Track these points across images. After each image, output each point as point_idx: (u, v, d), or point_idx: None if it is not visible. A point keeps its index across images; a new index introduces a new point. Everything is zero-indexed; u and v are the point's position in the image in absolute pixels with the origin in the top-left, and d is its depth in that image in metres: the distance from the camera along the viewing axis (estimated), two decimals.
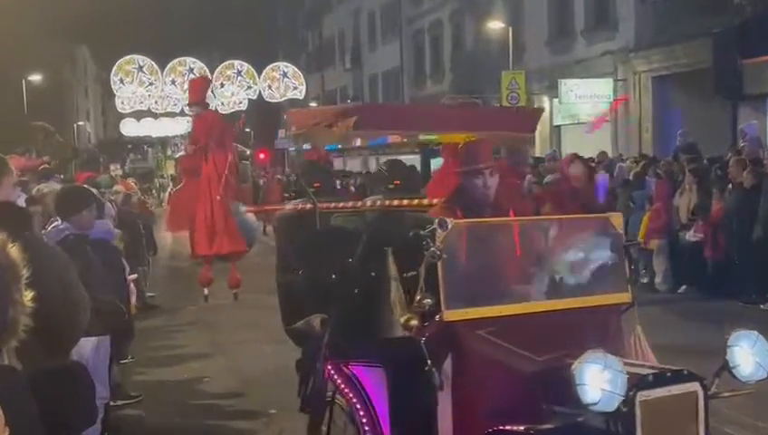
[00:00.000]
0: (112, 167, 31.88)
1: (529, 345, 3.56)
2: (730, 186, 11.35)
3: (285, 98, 33.92)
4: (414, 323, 3.62)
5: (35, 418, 2.15)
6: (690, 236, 11.80)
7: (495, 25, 25.89)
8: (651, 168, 13.92)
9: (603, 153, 17.21)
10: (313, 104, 47.43)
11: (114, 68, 32.29)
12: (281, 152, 49.05)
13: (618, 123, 22.60)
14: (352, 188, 17.70)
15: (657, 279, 12.34)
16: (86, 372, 3.67)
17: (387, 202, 5.07)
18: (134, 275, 6.22)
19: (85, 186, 6.95)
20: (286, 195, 24.91)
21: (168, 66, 31.57)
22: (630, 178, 14.01)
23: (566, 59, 24.20)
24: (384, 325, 4.08)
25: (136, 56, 32.17)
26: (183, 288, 13.43)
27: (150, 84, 31.80)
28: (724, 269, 11.30)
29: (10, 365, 2.22)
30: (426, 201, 5.01)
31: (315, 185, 5.62)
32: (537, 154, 21.48)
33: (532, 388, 3.44)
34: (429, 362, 3.55)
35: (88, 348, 4.86)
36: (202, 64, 31.79)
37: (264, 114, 42.88)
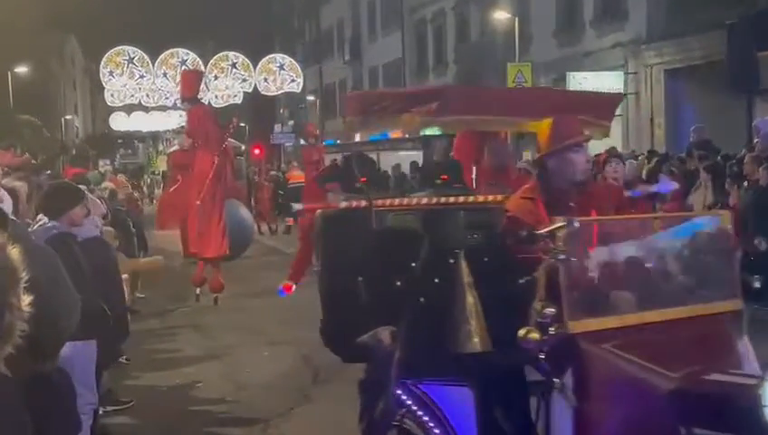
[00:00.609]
0: (101, 163, 31.92)
1: (659, 359, 3.26)
2: (746, 183, 11.35)
3: (282, 91, 33.84)
4: (535, 336, 3.33)
5: (27, 427, 2.15)
6: None
7: (501, 15, 25.88)
8: (664, 164, 13.92)
9: (613, 149, 17.16)
10: (311, 98, 47.52)
11: (103, 60, 32.20)
12: (277, 148, 49.08)
13: (629, 118, 22.59)
14: None
15: None
16: (67, 380, 3.66)
17: (444, 199, 4.76)
18: (125, 275, 6.20)
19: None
20: (281, 192, 24.97)
21: (160, 58, 31.49)
22: (644, 175, 13.99)
23: (574, 51, 24.19)
24: (458, 338, 3.84)
25: (126, 47, 32.08)
26: (175, 289, 13.42)
27: (141, 77, 31.72)
28: (740, 269, 11.27)
29: (1, 373, 2.21)
30: (483, 197, 4.77)
31: (361, 180, 5.30)
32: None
33: (667, 408, 3.16)
34: (557, 380, 3.37)
35: (73, 353, 4.83)
36: (195, 56, 31.72)
37: (259, 108, 42.88)
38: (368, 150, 28.12)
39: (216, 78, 30.12)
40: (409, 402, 4.06)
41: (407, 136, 20.09)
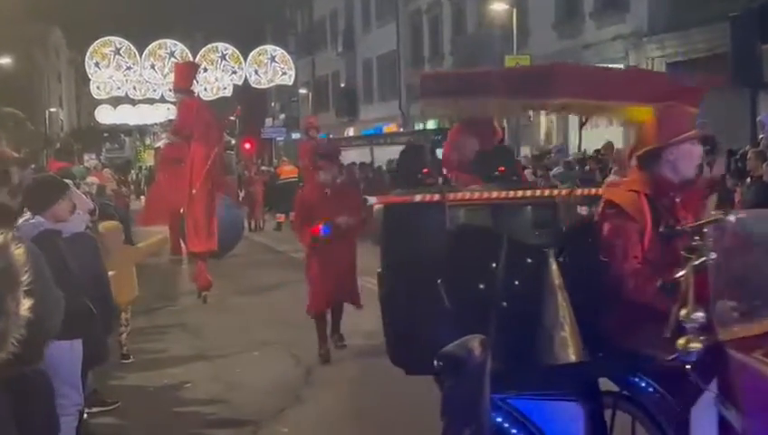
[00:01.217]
0: (87, 157, 31.87)
1: None
2: (749, 179, 11.38)
3: (273, 84, 33.91)
4: (696, 346, 3.10)
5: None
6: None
7: (498, 6, 25.87)
8: None
9: (609, 144, 17.07)
10: (303, 91, 47.49)
11: (89, 51, 32.20)
12: (268, 142, 49.06)
13: None
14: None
15: None
16: (46, 380, 3.65)
17: (513, 193, 4.54)
18: (112, 272, 6.20)
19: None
20: (271, 187, 24.95)
21: (148, 49, 31.50)
22: None
23: (574, 43, 24.19)
24: (552, 347, 3.66)
25: (113, 38, 32.08)
26: (162, 287, 13.43)
27: (128, 68, 31.73)
28: None
29: None
30: (549, 191, 4.64)
31: (424, 170, 5.04)
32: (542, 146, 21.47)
33: None
34: (714, 392, 3.15)
35: (59, 353, 4.84)
36: (184, 47, 31.74)
37: (250, 101, 42.82)
38: (360, 145, 28.16)
39: (205, 70, 30.11)
40: (499, 420, 3.76)
41: (401, 130, 20.08)
